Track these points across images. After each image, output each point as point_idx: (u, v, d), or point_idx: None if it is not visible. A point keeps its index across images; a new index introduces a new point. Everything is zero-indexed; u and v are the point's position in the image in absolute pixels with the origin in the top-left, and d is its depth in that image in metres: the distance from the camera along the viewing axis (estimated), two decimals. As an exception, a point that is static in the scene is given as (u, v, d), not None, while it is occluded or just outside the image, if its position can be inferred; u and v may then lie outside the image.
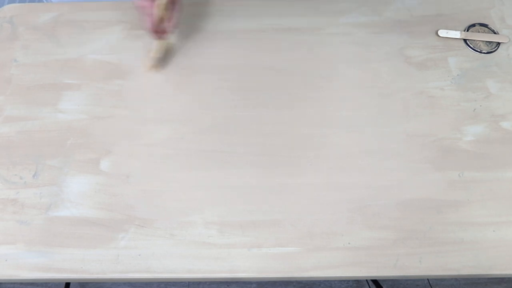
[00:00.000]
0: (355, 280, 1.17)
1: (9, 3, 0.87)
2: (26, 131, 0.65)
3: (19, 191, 0.60)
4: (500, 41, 0.71)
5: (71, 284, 1.11)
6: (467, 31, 0.72)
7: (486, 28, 0.72)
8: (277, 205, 0.58)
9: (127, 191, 0.60)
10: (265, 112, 0.66)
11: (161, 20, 0.63)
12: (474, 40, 0.71)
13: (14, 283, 1.11)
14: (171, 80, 0.69)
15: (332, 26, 0.74)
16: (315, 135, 0.64)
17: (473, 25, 0.73)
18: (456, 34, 0.71)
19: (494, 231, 0.56)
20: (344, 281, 1.17)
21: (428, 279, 1.16)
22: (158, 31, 0.65)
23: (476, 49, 0.70)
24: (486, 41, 0.71)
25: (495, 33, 0.72)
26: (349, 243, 0.56)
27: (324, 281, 1.17)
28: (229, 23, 0.75)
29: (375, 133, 0.63)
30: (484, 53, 0.70)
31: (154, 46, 0.69)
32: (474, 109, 0.65)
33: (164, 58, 0.71)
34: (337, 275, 0.54)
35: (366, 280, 1.16)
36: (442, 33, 0.72)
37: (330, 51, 0.71)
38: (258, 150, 0.63)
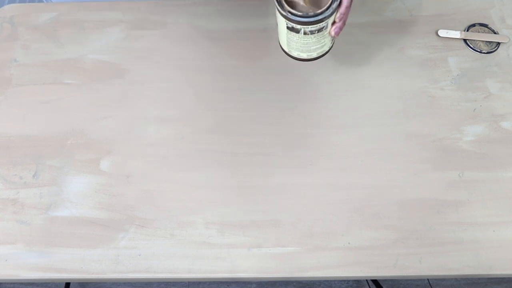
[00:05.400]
0: (355, 280, 1.17)
1: (9, 3, 0.87)
2: (26, 131, 0.65)
3: (19, 191, 0.60)
4: (500, 41, 0.71)
5: (71, 284, 1.11)
6: (467, 31, 0.72)
7: (486, 28, 0.72)
8: (277, 205, 0.58)
9: (127, 191, 0.60)
10: (265, 112, 0.66)
11: None
12: (474, 40, 0.71)
13: (14, 283, 1.11)
14: (171, 80, 0.69)
15: (332, 26, 0.74)
16: (315, 135, 0.63)
17: (473, 25, 0.73)
18: (456, 34, 0.71)
19: (494, 231, 0.56)
20: (344, 281, 1.17)
21: (428, 279, 1.16)
22: None
23: (476, 49, 0.70)
24: (486, 41, 0.71)
25: (495, 33, 0.72)
26: (349, 243, 0.56)
27: (324, 281, 1.17)
28: (229, 23, 0.75)
29: (375, 133, 0.63)
30: (484, 53, 0.70)
31: None
32: (474, 109, 0.65)
33: None
34: (337, 275, 0.54)
35: (366, 280, 1.16)
36: (442, 33, 0.72)
37: (330, 51, 0.71)
38: (258, 150, 0.63)
